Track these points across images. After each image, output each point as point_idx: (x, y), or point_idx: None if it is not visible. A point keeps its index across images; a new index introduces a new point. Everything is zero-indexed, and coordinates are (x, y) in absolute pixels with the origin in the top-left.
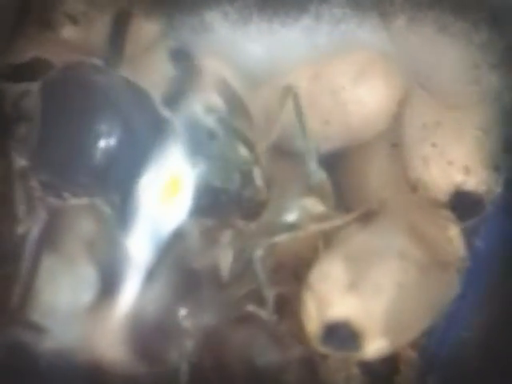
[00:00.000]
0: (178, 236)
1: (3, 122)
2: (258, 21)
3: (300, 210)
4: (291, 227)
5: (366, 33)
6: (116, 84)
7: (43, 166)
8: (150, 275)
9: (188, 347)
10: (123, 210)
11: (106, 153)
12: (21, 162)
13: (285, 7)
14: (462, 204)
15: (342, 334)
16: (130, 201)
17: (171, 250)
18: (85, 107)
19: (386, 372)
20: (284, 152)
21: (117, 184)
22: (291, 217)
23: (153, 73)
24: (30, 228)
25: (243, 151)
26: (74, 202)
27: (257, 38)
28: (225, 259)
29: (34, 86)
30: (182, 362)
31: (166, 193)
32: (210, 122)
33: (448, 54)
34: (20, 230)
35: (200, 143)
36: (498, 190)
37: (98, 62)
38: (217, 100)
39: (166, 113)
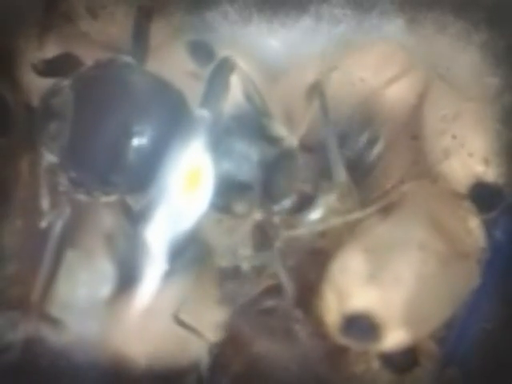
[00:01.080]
0: (198, 230)
1: (33, 118)
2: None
3: (323, 207)
4: (313, 222)
5: (384, 25)
6: (149, 83)
7: (74, 163)
8: (170, 270)
9: (210, 340)
10: (145, 205)
11: (138, 152)
12: (50, 158)
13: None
14: (481, 196)
15: (361, 326)
16: (152, 196)
17: (191, 244)
18: (118, 106)
19: (406, 364)
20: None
21: (146, 182)
22: (314, 214)
23: (171, 67)
24: (54, 222)
25: (265, 147)
26: (104, 199)
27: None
28: (245, 252)
29: (66, 83)
30: (202, 355)
31: (186, 187)
32: (227, 117)
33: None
34: (43, 224)
35: (219, 139)
36: None
37: (129, 59)
38: (238, 95)
39: (199, 112)
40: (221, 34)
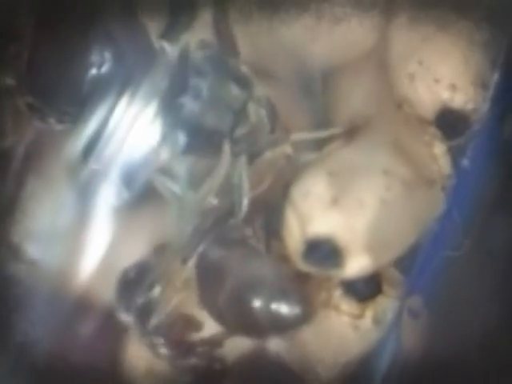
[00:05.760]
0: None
1: None
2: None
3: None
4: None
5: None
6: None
7: (30, 89)
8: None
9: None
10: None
11: (95, 83)
12: (8, 80)
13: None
14: (448, 121)
15: (323, 251)
16: (107, 130)
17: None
18: (77, 34)
19: (369, 292)
20: None
21: (101, 112)
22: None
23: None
24: (16, 144)
25: (235, 89)
26: (58, 127)
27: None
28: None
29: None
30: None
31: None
32: (198, 58)
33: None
34: (5, 144)
35: (188, 80)
36: (485, 107)
37: None
38: (209, 35)
39: (161, 44)
40: None
